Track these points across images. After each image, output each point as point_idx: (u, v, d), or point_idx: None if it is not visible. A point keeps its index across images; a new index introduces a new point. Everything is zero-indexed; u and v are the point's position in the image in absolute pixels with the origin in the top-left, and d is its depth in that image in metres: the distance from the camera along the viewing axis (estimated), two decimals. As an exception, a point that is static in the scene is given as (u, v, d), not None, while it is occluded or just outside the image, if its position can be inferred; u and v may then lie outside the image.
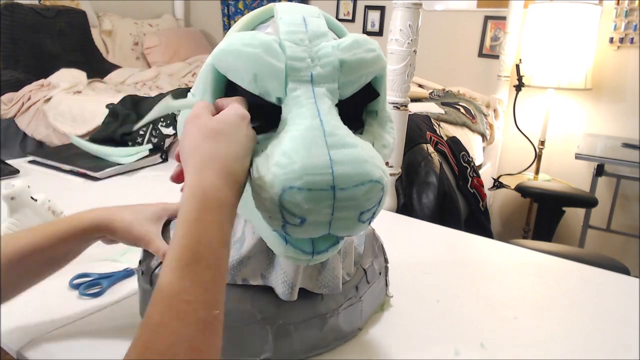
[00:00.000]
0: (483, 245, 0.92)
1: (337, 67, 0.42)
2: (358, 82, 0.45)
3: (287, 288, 0.50)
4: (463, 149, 1.58)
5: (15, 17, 2.31)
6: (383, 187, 0.40)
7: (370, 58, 0.44)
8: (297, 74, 0.42)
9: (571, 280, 0.78)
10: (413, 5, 1.01)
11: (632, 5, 2.11)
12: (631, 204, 2.22)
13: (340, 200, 0.38)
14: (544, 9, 2.11)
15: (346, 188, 0.38)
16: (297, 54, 0.42)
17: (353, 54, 0.43)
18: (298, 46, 0.43)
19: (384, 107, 0.50)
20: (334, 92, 0.43)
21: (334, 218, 0.39)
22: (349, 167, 0.38)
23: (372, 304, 0.61)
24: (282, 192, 0.37)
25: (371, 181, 0.38)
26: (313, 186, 0.37)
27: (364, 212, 0.39)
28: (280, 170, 0.38)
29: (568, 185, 2.23)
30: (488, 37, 2.52)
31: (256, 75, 0.42)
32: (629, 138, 2.14)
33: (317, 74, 0.42)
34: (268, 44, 0.42)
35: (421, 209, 1.28)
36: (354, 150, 0.39)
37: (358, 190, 0.38)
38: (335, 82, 0.43)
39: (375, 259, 0.62)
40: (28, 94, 2.04)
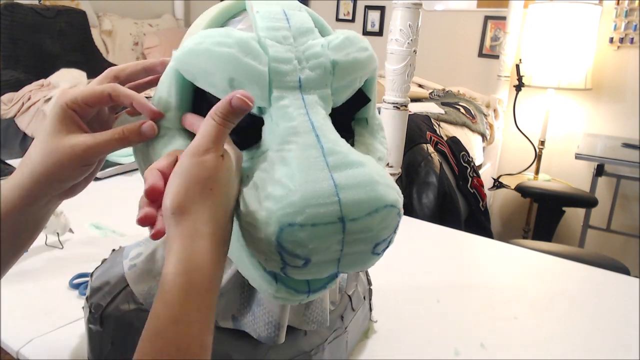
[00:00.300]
0: (483, 245, 0.92)
1: (329, 70, 0.36)
2: (352, 86, 0.38)
3: (272, 330, 0.42)
4: (463, 149, 1.58)
5: (15, 17, 2.31)
6: (399, 212, 0.33)
7: (364, 58, 0.38)
8: (283, 79, 0.34)
9: (571, 280, 0.78)
10: (413, 5, 1.01)
11: (632, 5, 2.11)
12: (631, 204, 2.22)
13: (351, 233, 0.31)
14: (544, 9, 2.11)
15: (358, 218, 0.31)
16: (282, 55, 0.35)
17: (346, 54, 0.37)
18: (282, 45, 0.35)
19: (374, 114, 0.44)
20: (327, 99, 0.36)
21: (343, 254, 0.32)
22: (359, 192, 0.31)
23: (357, 332, 0.55)
24: (280, 231, 0.30)
25: (386, 206, 0.32)
26: (318, 220, 0.30)
27: (380, 242, 0.33)
28: (276, 204, 0.30)
29: (568, 185, 2.23)
30: (488, 37, 2.52)
31: (233, 80, 0.34)
32: (629, 138, 2.14)
33: (306, 78, 0.35)
34: (246, 42, 0.34)
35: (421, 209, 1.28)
36: (361, 170, 0.32)
37: (372, 219, 0.31)
38: (328, 87, 0.36)
39: (359, 282, 0.55)
40: (28, 94, 2.04)
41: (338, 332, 0.49)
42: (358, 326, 0.55)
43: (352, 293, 0.53)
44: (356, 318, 0.53)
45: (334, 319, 0.49)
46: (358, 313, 0.54)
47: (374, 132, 0.43)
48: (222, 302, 0.43)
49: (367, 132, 0.43)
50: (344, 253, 0.32)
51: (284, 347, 0.45)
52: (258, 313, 0.43)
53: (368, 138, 0.42)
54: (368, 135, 0.42)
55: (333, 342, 0.49)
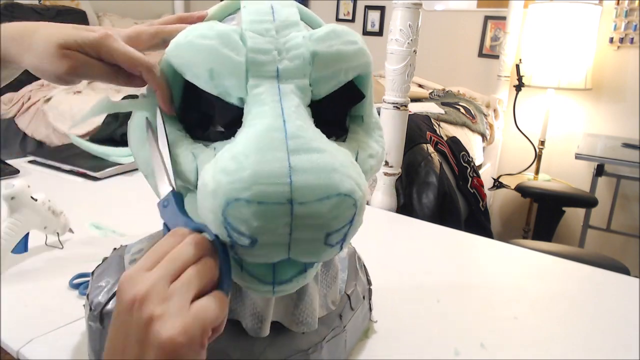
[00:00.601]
0: (483, 245, 0.92)
1: (308, 60, 0.36)
2: (335, 79, 0.38)
3: (256, 322, 0.42)
4: (463, 149, 1.58)
5: (15, 17, 2.31)
6: (355, 203, 0.32)
7: (350, 51, 0.38)
8: (260, 69, 0.35)
9: (571, 280, 0.78)
10: (413, 5, 1.01)
11: (632, 5, 2.11)
12: (631, 204, 2.22)
13: (299, 217, 0.30)
14: (544, 9, 2.11)
15: (307, 202, 0.30)
16: (261, 46, 0.36)
17: (328, 46, 0.37)
18: (263, 37, 0.36)
19: (370, 112, 0.44)
20: (305, 89, 0.36)
21: (292, 239, 0.31)
22: (312, 176, 0.30)
23: (356, 332, 0.55)
24: (226, 204, 0.30)
25: (339, 195, 0.31)
26: (265, 199, 0.30)
27: (332, 233, 0.32)
28: (226, 177, 0.30)
29: (568, 185, 2.23)
30: (488, 37, 2.52)
31: (212, 71, 0.35)
32: (629, 138, 2.14)
33: (284, 68, 0.36)
34: (226, 34, 0.35)
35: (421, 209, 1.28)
36: (320, 155, 0.31)
37: (322, 205, 0.31)
38: (306, 77, 0.36)
39: (358, 282, 0.55)
40: (28, 94, 2.04)
41: (336, 331, 0.49)
42: (357, 326, 0.55)
43: (351, 292, 0.53)
44: (355, 317, 0.53)
45: (332, 317, 0.49)
46: (357, 312, 0.54)
47: (370, 130, 0.43)
48: None
49: (361, 130, 0.43)
50: (293, 238, 0.31)
51: (281, 345, 0.45)
52: (246, 303, 0.43)
53: (362, 135, 0.42)
54: (362, 133, 0.42)
55: (331, 340, 0.48)
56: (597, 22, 2.09)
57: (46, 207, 0.71)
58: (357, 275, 0.56)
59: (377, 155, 0.42)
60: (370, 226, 0.69)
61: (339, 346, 0.50)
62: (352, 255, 0.58)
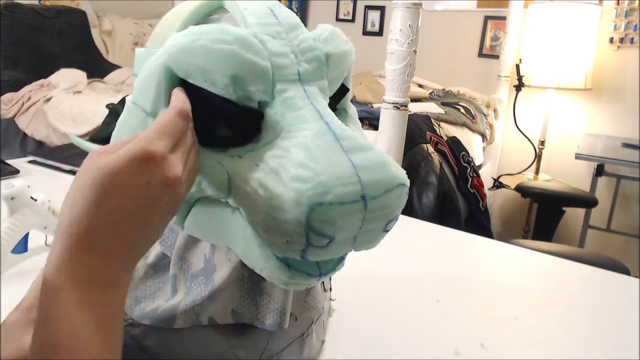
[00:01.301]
0: (483, 245, 0.92)
1: (324, 62, 0.37)
2: (341, 77, 0.40)
3: (277, 316, 0.44)
4: (463, 149, 1.58)
5: (15, 17, 2.31)
6: (407, 191, 0.35)
7: (349, 50, 0.40)
8: (283, 72, 0.36)
9: (571, 280, 0.78)
10: (413, 5, 1.01)
11: (632, 5, 2.11)
12: (631, 204, 2.22)
13: (371, 210, 0.33)
14: (544, 9, 2.11)
15: (377, 196, 0.33)
16: (279, 49, 0.36)
17: (336, 47, 0.38)
18: (276, 40, 0.36)
19: (349, 104, 0.46)
20: (325, 90, 0.37)
21: (360, 232, 0.34)
22: (375, 172, 0.33)
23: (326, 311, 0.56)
24: (311, 210, 0.31)
25: (399, 185, 0.34)
26: (345, 199, 0.31)
27: (392, 220, 0.35)
28: (304, 185, 0.31)
29: (568, 185, 2.23)
30: (488, 37, 2.52)
31: (236, 76, 0.34)
32: (629, 138, 2.14)
33: (305, 70, 0.36)
34: (245, 38, 0.34)
35: (421, 209, 1.28)
36: (372, 153, 0.34)
37: (389, 197, 0.33)
38: (325, 78, 0.37)
39: None
40: (28, 94, 2.04)
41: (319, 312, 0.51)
42: (327, 306, 0.56)
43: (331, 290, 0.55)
44: (326, 298, 0.54)
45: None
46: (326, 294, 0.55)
47: (353, 122, 0.45)
48: (220, 300, 0.43)
49: (349, 122, 0.44)
50: (361, 231, 0.33)
51: (280, 335, 0.46)
52: (261, 302, 0.44)
53: (351, 127, 0.44)
54: (352, 125, 0.44)
55: (317, 322, 0.50)
56: (597, 22, 2.09)
57: (46, 207, 0.71)
58: None
59: None
60: (370, 226, 0.69)
61: (321, 327, 0.52)
62: None
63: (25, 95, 2.04)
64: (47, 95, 1.99)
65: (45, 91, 2.04)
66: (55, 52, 2.46)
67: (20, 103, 2.04)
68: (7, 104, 2.06)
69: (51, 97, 1.96)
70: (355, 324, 0.60)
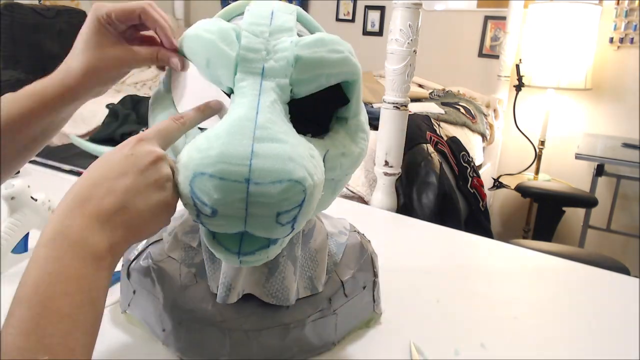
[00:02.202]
0: (483, 245, 0.92)
1: (290, 63, 0.40)
2: (316, 82, 0.42)
3: (224, 290, 0.47)
4: (463, 149, 1.58)
5: (15, 17, 2.31)
6: (305, 190, 0.36)
7: (333, 59, 0.41)
8: (249, 65, 0.40)
9: (571, 280, 0.78)
10: (413, 5, 1.01)
11: (632, 5, 2.11)
12: (631, 204, 2.22)
13: (253, 195, 0.35)
14: (544, 9, 2.11)
15: (261, 183, 0.35)
16: (252, 45, 0.41)
17: (312, 52, 0.41)
18: (256, 37, 0.41)
19: (356, 114, 0.47)
20: (284, 88, 0.40)
21: (248, 214, 0.36)
22: (270, 162, 0.35)
23: (352, 319, 0.57)
24: (194, 176, 0.36)
25: (290, 180, 0.35)
26: (226, 176, 0.35)
27: (282, 213, 0.36)
28: (197, 154, 0.36)
29: (568, 185, 2.23)
30: (488, 37, 2.52)
31: (209, 61, 0.41)
32: (629, 138, 2.14)
33: (269, 67, 0.40)
34: (225, 31, 0.41)
35: (421, 209, 1.28)
36: (281, 145, 0.36)
37: (274, 187, 0.35)
38: (287, 77, 0.40)
39: (358, 271, 0.57)
40: (28, 94, 2.04)
41: (324, 313, 0.52)
42: (354, 313, 0.57)
43: (346, 280, 0.55)
44: (350, 305, 0.55)
45: (319, 299, 0.53)
46: (353, 300, 0.56)
47: (352, 132, 0.47)
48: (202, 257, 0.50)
49: (343, 130, 0.47)
50: (249, 213, 0.36)
51: (263, 316, 0.49)
52: (217, 273, 0.49)
53: (342, 135, 0.46)
54: (344, 133, 0.46)
55: (318, 321, 0.52)
56: (597, 22, 2.09)
57: (46, 207, 0.71)
58: (358, 263, 0.57)
59: (350, 154, 0.46)
60: (370, 226, 0.69)
61: (327, 328, 0.53)
62: (355, 245, 0.59)
63: (25, 95, 2.04)
64: (47, 95, 1.99)
65: (45, 91, 2.04)
66: (55, 52, 2.46)
67: (20, 103, 2.04)
68: (7, 104, 2.06)
69: (51, 97, 1.96)
70: (355, 324, 0.60)
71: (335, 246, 0.57)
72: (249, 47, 0.41)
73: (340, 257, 0.56)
